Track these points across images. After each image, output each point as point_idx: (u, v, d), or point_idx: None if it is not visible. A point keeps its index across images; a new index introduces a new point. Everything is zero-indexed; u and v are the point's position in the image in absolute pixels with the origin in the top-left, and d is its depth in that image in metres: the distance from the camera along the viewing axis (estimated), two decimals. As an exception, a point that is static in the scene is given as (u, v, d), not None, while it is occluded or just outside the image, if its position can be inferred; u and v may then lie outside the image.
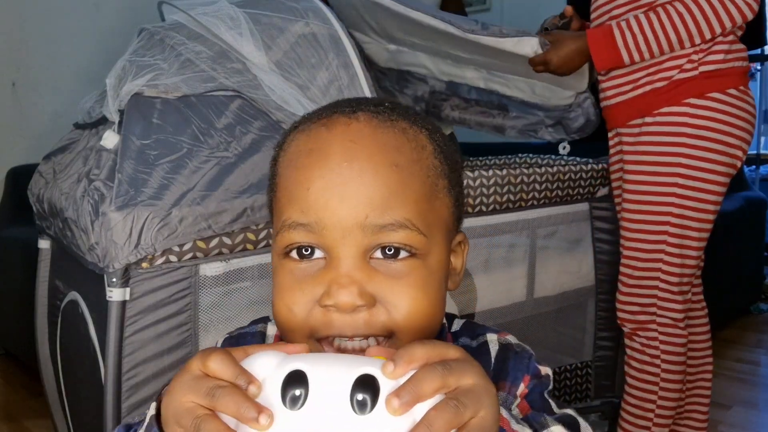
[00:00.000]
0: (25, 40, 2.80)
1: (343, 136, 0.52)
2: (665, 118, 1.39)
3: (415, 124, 0.56)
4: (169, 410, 0.44)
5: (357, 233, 0.50)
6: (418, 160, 0.53)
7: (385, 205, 0.50)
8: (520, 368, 0.60)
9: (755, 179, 3.50)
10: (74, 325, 1.31)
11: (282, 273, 0.54)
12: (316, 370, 0.41)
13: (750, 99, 1.41)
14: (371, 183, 0.51)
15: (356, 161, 0.51)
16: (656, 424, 1.46)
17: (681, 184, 1.39)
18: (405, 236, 0.51)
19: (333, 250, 0.51)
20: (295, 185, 0.53)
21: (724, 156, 1.38)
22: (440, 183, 0.55)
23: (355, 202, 0.50)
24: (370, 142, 0.52)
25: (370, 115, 0.54)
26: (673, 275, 1.42)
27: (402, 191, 0.51)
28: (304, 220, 0.51)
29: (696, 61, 1.37)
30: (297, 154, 0.54)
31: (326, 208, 0.51)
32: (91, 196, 1.13)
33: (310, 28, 1.36)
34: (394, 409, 0.39)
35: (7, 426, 2.01)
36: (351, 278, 0.50)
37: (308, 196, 0.51)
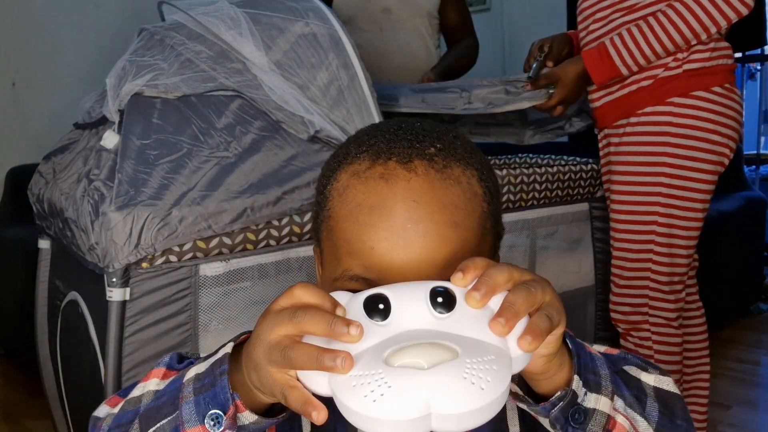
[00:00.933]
0: (25, 40, 2.80)
1: (405, 194, 0.54)
2: (649, 118, 1.39)
3: (468, 168, 0.57)
4: (259, 353, 0.44)
5: None
6: (472, 211, 0.56)
7: (444, 263, 0.52)
8: None
9: (755, 179, 3.50)
10: (74, 325, 1.31)
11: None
12: (392, 291, 0.45)
13: (736, 96, 1.40)
14: (433, 244, 0.53)
15: (419, 224, 0.53)
16: None
17: (666, 184, 1.39)
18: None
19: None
20: (357, 240, 0.54)
21: (710, 154, 1.38)
22: (487, 225, 0.57)
23: (417, 263, 0.52)
24: (431, 201, 0.54)
25: (427, 165, 0.55)
26: (663, 275, 1.42)
27: (460, 249, 0.54)
28: (368, 276, 0.53)
29: (680, 60, 1.37)
30: (357, 207, 0.55)
31: (390, 269, 0.52)
32: (91, 196, 1.13)
33: (310, 28, 1.36)
34: (476, 301, 0.44)
35: (7, 426, 2.01)
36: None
37: (372, 254, 0.53)
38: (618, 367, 0.55)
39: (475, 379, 0.39)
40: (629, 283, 1.46)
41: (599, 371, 0.50)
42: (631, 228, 1.44)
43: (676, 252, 1.41)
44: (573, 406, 0.48)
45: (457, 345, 0.42)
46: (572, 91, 1.49)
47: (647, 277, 1.43)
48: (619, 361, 0.57)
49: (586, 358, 0.50)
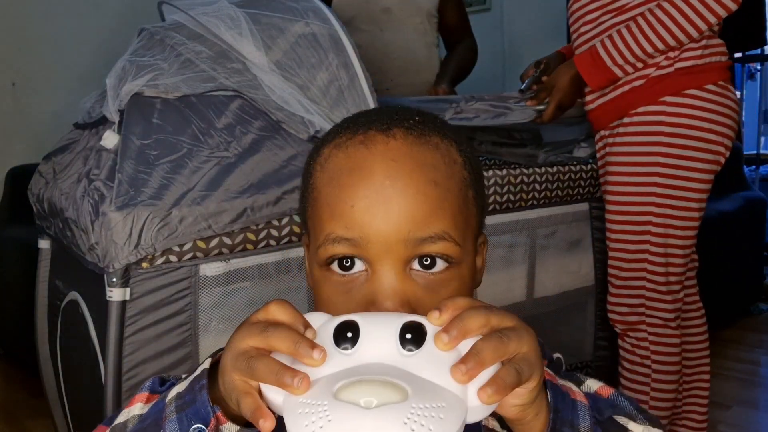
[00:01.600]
0: (25, 40, 2.80)
1: (384, 155, 0.55)
2: (641, 118, 1.39)
3: (446, 138, 0.58)
4: (227, 359, 0.46)
5: (399, 247, 0.53)
6: (452, 175, 0.57)
7: (425, 220, 0.53)
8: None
9: (755, 179, 3.50)
10: (74, 325, 1.31)
11: (326, 285, 0.56)
12: (365, 319, 0.45)
13: (731, 94, 1.39)
14: (413, 201, 0.53)
15: (398, 180, 0.54)
16: None
17: (660, 183, 1.38)
18: (443, 247, 0.54)
19: (375, 264, 0.54)
20: (338, 202, 0.55)
21: (705, 153, 1.37)
22: (469, 193, 0.58)
23: (397, 219, 0.53)
24: (409, 161, 0.55)
25: (405, 132, 0.56)
26: (659, 275, 1.42)
27: (440, 206, 0.54)
28: (349, 236, 0.54)
29: (672, 59, 1.36)
30: (338, 171, 0.56)
31: (371, 225, 0.53)
32: (91, 196, 1.14)
33: (310, 28, 1.36)
34: (444, 344, 0.43)
35: (7, 426, 2.01)
36: (393, 290, 0.53)
37: (353, 213, 0.54)
38: (604, 415, 0.53)
39: (415, 426, 0.38)
40: (626, 283, 1.46)
41: (578, 425, 0.48)
42: (627, 228, 1.44)
43: (672, 252, 1.41)
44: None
45: (410, 386, 0.41)
46: (567, 95, 1.50)
47: (643, 277, 1.43)
48: (607, 409, 0.54)
49: (566, 411, 0.48)
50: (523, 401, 0.45)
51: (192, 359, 1.15)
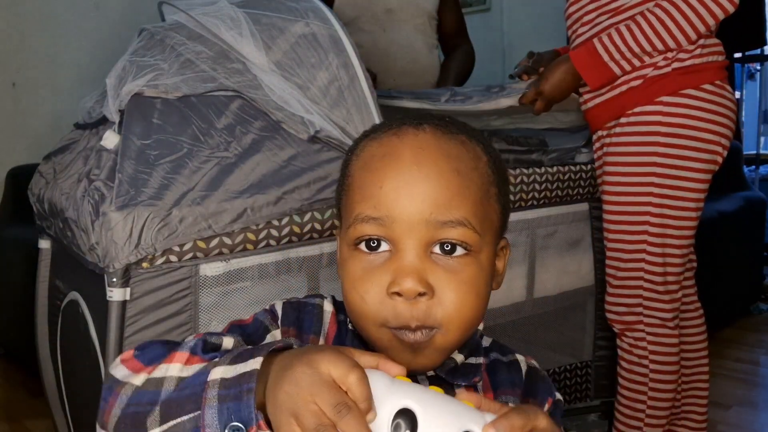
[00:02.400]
0: (25, 40, 2.80)
1: (413, 144, 0.60)
2: (638, 118, 1.39)
3: (473, 138, 0.63)
4: (287, 398, 0.46)
5: (421, 228, 0.57)
6: (475, 168, 0.61)
7: (447, 204, 0.57)
8: (545, 391, 0.68)
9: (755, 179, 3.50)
10: (74, 325, 1.31)
11: (353, 263, 0.60)
12: (425, 411, 0.45)
13: (728, 93, 1.39)
14: (436, 185, 0.58)
15: (424, 165, 0.58)
16: (648, 425, 1.45)
17: (657, 183, 1.38)
18: (462, 233, 0.58)
19: (399, 243, 0.58)
20: (369, 184, 0.60)
21: (702, 153, 1.37)
22: (492, 190, 0.62)
23: (421, 200, 0.57)
24: (435, 150, 0.59)
25: (435, 128, 0.61)
26: (657, 275, 1.42)
27: (462, 193, 0.58)
28: (376, 215, 0.58)
29: (669, 59, 1.36)
30: (371, 158, 0.61)
31: (396, 204, 0.57)
32: (92, 196, 1.14)
33: (310, 28, 1.36)
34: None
35: (7, 426, 2.01)
36: (414, 267, 0.57)
37: (381, 193, 0.58)
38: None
39: None
40: (623, 283, 1.46)
41: None
42: (624, 228, 1.44)
43: (670, 252, 1.41)
44: None
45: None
46: (555, 88, 1.47)
47: (641, 277, 1.43)
48: None
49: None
50: None
51: (192, 359, 1.15)
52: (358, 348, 0.59)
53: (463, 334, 0.60)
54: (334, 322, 0.66)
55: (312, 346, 0.58)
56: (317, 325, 0.66)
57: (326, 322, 0.66)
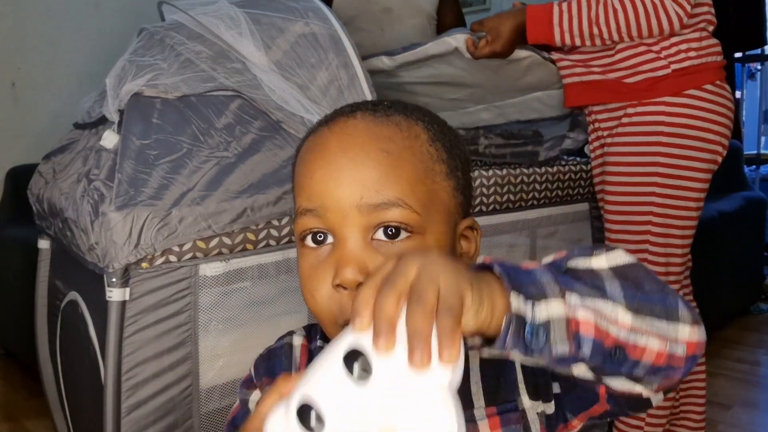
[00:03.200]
0: (25, 40, 2.80)
1: (341, 132, 0.59)
2: (641, 118, 1.40)
3: (411, 117, 0.61)
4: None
5: (355, 214, 0.56)
6: (410, 146, 0.59)
7: (377, 186, 0.56)
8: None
9: (755, 179, 3.50)
10: (74, 325, 1.31)
11: (301, 261, 0.60)
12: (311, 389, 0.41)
13: (727, 93, 1.40)
14: (363, 167, 0.56)
15: (350, 150, 0.57)
16: (648, 424, 1.46)
17: (660, 184, 1.39)
18: (399, 214, 0.56)
19: (337, 232, 0.57)
20: (302, 177, 0.60)
21: (704, 152, 1.38)
22: (437, 167, 0.60)
23: (349, 184, 0.56)
24: (363, 134, 0.58)
25: (368, 113, 0.60)
26: (659, 274, 1.42)
27: (393, 173, 0.56)
28: (310, 206, 0.58)
29: (664, 59, 1.37)
30: (305, 151, 0.62)
31: (326, 192, 0.57)
32: (91, 196, 1.13)
33: (310, 28, 1.36)
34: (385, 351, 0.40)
35: (7, 426, 2.01)
36: (353, 256, 0.56)
37: (312, 184, 0.58)
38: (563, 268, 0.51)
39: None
40: None
41: (540, 280, 0.45)
42: (627, 228, 1.44)
43: (672, 252, 1.41)
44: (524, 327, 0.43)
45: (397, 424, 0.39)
46: (496, 22, 1.46)
47: None
48: (563, 261, 0.52)
49: (520, 276, 0.45)
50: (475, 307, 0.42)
51: (191, 359, 1.15)
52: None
53: None
54: (305, 353, 0.67)
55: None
56: (287, 362, 0.66)
57: (296, 356, 0.66)
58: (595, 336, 0.45)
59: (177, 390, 1.13)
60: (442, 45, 1.57)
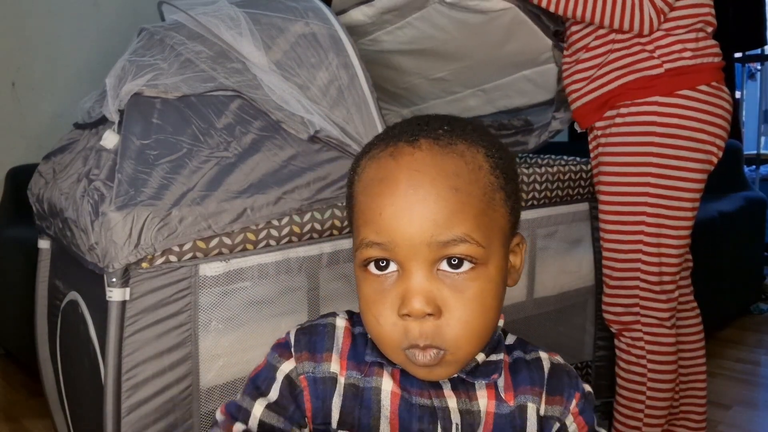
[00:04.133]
0: (25, 40, 2.80)
1: (409, 166, 0.60)
2: (634, 118, 1.39)
3: (473, 145, 0.62)
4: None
5: (424, 249, 0.58)
6: (475, 180, 0.60)
7: (446, 224, 0.58)
8: (572, 386, 0.68)
9: (755, 179, 3.50)
10: (74, 325, 1.31)
11: (365, 286, 0.62)
12: None
13: (724, 94, 1.40)
14: (434, 206, 0.58)
15: (420, 188, 0.59)
16: (646, 424, 1.46)
17: (653, 183, 1.38)
18: (465, 249, 0.58)
19: (405, 265, 0.59)
20: (369, 210, 0.61)
21: (698, 153, 1.38)
22: (497, 196, 0.62)
23: (420, 223, 0.58)
24: (431, 170, 0.59)
25: (431, 142, 0.61)
26: (653, 275, 1.42)
27: (461, 211, 0.59)
28: (379, 240, 0.60)
29: (657, 58, 1.37)
30: (370, 182, 0.62)
31: (397, 230, 0.59)
32: (91, 196, 1.13)
33: (310, 28, 1.36)
34: None
35: (7, 426, 2.01)
36: (421, 288, 0.58)
37: (381, 220, 0.59)
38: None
39: None
40: (620, 283, 1.46)
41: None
42: (620, 228, 1.44)
43: (666, 252, 1.41)
44: None
45: None
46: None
47: (637, 277, 1.43)
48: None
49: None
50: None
51: (192, 359, 1.15)
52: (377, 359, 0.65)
53: (474, 349, 0.62)
54: (348, 335, 0.68)
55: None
56: (329, 342, 0.68)
57: (339, 337, 0.68)
58: None
59: (177, 390, 1.13)
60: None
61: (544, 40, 1.59)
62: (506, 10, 1.53)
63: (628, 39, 1.39)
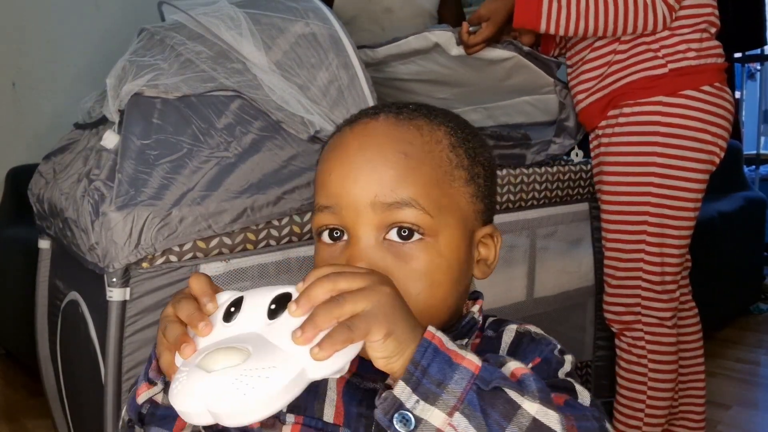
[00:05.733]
0: (25, 40, 2.80)
1: (361, 132, 0.61)
2: (637, 118, 1.39)
3: (434, 121, 0.62)
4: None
5: (368, 211, 0.58)
6: (429, 151, 0.60)
7: (392, 185, 0.57)
8: (533, 351, 0.63)
9: (755, 179, 3.50)
10: (74, 325, 1.31)
11: (317, 255, 0.63)
12: (252, 295, 0.52)
13: (727, 95, 1.40)
14: (379, 167, 0.58)
15: (368, 150, 0.59)
16: (647, 424, 1.46)
17: (656, 183, 1.38)
18: (411, 214, 0.57)
19: (351, 230, 0.59)
20: (322, 174, 0.62)
21: (701, 153, 1.38)
22: (456, 173, 0.61)
23: (365, 183, 0.58)
24: (382, 136, 0.60)
25: (391, 116, 0.62)
26: (655, 274, 1.42)
27: (408, 175, 0.58)
28: (327, 203, 0.60)
29: (662, 58, 1.37)
30: (327, 150, 0.64)
31: (342, 190, 0.59)
32: (91, 196, 1.14)
33: (310, 28, 1.36)
34: (293, 312, 0.48)
35: (7, 426, 2.01)
36: (364, 254, 0.58)
37: (330, 181, 0.60)
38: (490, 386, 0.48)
39: (240, 385, 0.45)
40: (621, 283, 1.46)
41: (447, 384, 0.47)
42: (622, 228, 1.44)
43: (668, 252, 1.41)
44: (397, 410, 0.47)
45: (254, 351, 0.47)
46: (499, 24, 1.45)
47: (639, 277, 1.43)
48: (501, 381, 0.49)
49: (434, 369, 0.47)
50: (383, 354, 0.47)
51: (192, 359, 1.15)
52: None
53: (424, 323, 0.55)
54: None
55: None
56: None
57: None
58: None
59: (177, 390, 1.13)
60: (422, 40, 1.57)
61: (545, 78, 1.60)
62: (509, 58, 1.55)
63: (632, 38, 1.39)
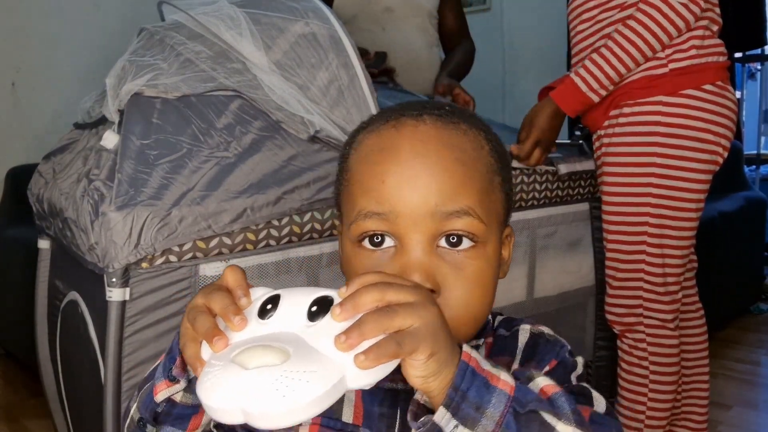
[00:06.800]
0: (25, 40, 2.80)
1: (412, 136, 0.59)
2: (637, 118, 1.39)
3: (474, 126, 0.62)
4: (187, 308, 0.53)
5: (427, 220, 0.56)
6: (478, 157, 0.60)
7: (451, 194, 0.56)
8: (549, 353, 0.63)
9: (755, 179, 3.50)
10: (74, 325, 1.31)
11: (358, 261, 0.59)
12: (289, 294, 0.50)
13: (729, 94, 1.39)
14: (439, 175, 0.57)
15: (426, 157, 0.57)
16: (648, 426, 1.45)
17: (656, 184, 1.38)
18: (468, 223, 0.57)
19: (404, 238, 0.57)
20: (370, 179, 0.58)
21: (702, 153, 1.36)
22: (495, 179, 0.61)
23: (425, 192, 0.56)
24: (436, 141, 0.58)
25: (435, 118, 0.60)
26: (656, 276, 1.41)
27: (466, 183, 0.57)
28: (379, 210, 0.57)
29: (664, 58, 1.36)
30: (370, 152, 0.60)
31: (400, 198, 0.56)
32: (91, 196, 1.13)
33: (310, 28, 1.36)
34: (336, 316, 0.46)
35: (7, 426, 2.01)
36: (420, 263, 0.56)
37: (383, 188, 0.57)
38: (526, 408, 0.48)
39: (280, 386, 0.43)
40: (623, 284, 1.45)
41: (486, 408, 0.47)
42: (623, 229, 1.43)
43: (669, 252, 1.40)
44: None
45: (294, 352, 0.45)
46: (546, 131, 1.47)
47: (640, 278, 1.42)
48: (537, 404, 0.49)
49: (474, 392, 0.47)
50: (422, 373, 0.46)
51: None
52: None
53: (470, 331, 0.60)
54: None
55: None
56: None
57: None
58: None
59: (177, 390, 1.13)
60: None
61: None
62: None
63: None
